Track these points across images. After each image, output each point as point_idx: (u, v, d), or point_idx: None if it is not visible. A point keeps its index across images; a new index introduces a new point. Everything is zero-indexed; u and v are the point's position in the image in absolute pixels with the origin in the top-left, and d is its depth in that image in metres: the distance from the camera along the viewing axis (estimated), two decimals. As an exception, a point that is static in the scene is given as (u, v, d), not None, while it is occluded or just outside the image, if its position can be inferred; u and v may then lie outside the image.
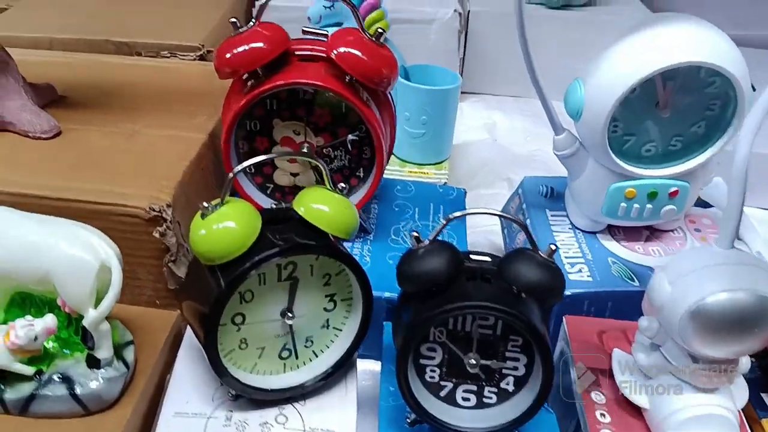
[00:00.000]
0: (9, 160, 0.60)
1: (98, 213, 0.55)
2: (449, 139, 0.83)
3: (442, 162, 0.83)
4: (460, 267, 0.44)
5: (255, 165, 0.61)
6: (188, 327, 0.53)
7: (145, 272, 0.56)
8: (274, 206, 0.48)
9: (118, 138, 0.64)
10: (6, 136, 0.64)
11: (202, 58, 0.83)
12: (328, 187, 0.48)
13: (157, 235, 0.54)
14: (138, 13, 0.94)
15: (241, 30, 0.56)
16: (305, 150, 0.60)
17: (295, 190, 0.63)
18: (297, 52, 0.59)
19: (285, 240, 0.45)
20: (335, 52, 0.55)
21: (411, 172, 0.80)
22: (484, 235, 0.78)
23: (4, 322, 0.46)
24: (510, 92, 1.13)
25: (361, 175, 0.62)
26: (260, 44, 0.55)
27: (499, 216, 0.58)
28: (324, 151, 0.61)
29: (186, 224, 0.57)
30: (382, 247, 0.64)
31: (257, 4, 1.06)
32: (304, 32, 0.59)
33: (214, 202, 0.45)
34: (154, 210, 0.54)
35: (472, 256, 0.45)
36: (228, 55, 0.55)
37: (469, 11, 1.08)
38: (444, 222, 0.44)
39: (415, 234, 0.44)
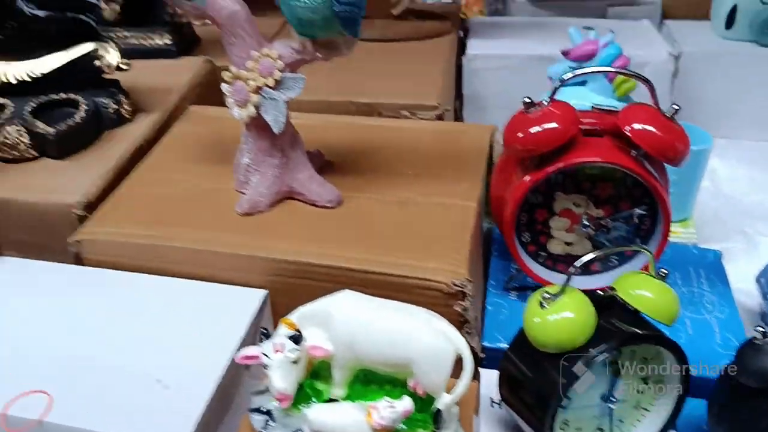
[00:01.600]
0: (307, 233, 0.64)
1: (402, 286, 0.58)
2: (695, 196, 0.81)
3: (686, 219, 0.81)
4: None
5: (531, 234, 0.63)
6: (479, 394, 0.55)
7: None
8: (599, 292, 0.49)
9: (392, 207, 0.67)
10: (292, 205, 0.68)
11: (440, 117, 0.86)
12: (651, 273, 0.49)
13: (459, 309, 0.57)
14: (369, 73, 0.97)
15: (533, 109, 0.58)
16: (585, 222, 0.61)
17: (568, 258, 0.64)
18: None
19: (618, 331, 0.46)
20: (629, 127, 0.56)
21: (660, 232, 0.79)
22: (734, 295, 0.75)
23: (348, 398, 0.50)
24: (722, 134, 1.09)
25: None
26: (554, 125, 0.57)
27: None
28: (602, 222, 0.62)
29: (474, 295, 0.60)
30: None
31: (465, 59, 1.09)
32: (594, 108, 0.60)
33: (552, 291, 0.47)
34: (456, 285, 0.56)
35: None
36: (520, 135, 0.58)
37: (680, 53, 1.06)
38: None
39: (762, 329, 0.44)
